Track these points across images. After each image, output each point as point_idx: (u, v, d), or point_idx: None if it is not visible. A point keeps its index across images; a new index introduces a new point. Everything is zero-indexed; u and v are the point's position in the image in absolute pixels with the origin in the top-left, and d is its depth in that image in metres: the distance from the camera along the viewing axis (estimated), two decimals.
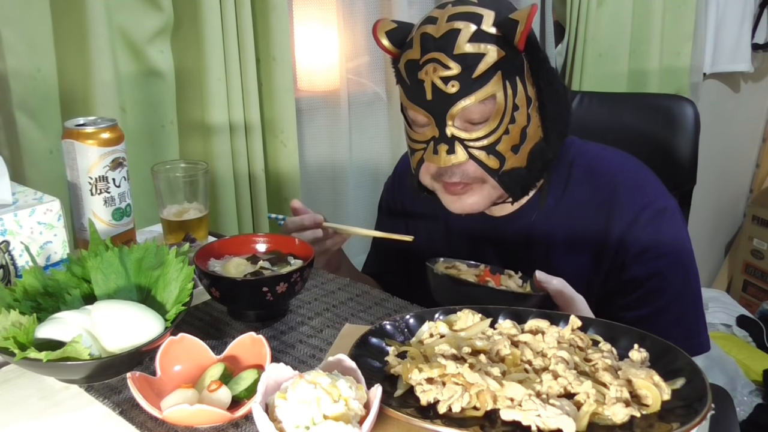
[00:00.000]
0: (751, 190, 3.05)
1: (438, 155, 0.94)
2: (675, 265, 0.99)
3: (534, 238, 1.04)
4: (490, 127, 0.92)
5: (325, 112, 1.72)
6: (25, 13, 1.20)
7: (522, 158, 0.95)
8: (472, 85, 0.91)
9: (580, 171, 1.04)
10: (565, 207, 1.03)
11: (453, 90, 0.91)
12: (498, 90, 0.91)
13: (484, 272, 0.90)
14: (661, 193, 1.02)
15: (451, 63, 0.90)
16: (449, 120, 0.93)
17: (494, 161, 0.94)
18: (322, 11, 1.66)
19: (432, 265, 0.91)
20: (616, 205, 0.99)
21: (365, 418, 0.60)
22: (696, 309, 1.02)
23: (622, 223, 0.99)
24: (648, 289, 0.98)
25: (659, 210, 0.99)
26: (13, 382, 0.74)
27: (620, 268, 0.99)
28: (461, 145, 0.93)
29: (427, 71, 0.92)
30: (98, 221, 0.98)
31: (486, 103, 0.91)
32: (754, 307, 2.68)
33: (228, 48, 1.40)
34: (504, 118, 0.92)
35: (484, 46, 0.90)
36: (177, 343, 0.71)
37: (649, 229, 0.98)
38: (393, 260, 1.22)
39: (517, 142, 0.94)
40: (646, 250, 0.98)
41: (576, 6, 2.01)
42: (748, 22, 2.55)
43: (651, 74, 2.17)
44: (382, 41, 0.99)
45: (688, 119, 1.36)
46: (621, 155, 1.07)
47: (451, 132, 0.93)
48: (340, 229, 1.07)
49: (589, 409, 0.60)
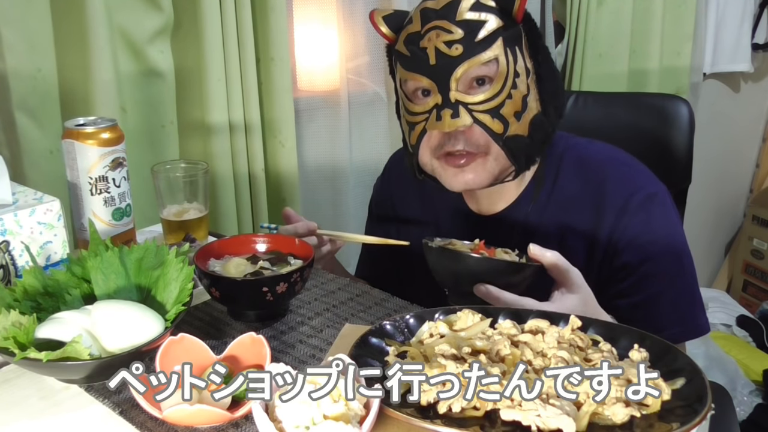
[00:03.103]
0: (751, 190, 3.05)
1: (442, 121, 0.94)
2: (667, 249, 0.99)
3: (526, 234, 1.04)
4: (494, 90, 0.93)
5: (325, 112, 1.72)
6: (25, 13, 1.20)
7: (524, 126, 0.96)
8: (475, 47, 0.92)
9: (569, 164, 1.04)
10: (556, 201, 1.03)
11: (457, 53, 0.92)
12: (500, 54, 0.93)
13: (478, 246, 0.91)
14: (650, 179, 1.02)
15: (453, 28, 0.92)
16: (453, 83, 0.93)
17: (498, 125, 0.94)
18: (322, 11, 1.66)
19: (429, 242, 0.91)
20: (606, 194, 1.00)
21: (365, 418, 0.60)
22: (692, 292, 1.01)
23: (612, 212, 0.99)
24: (641, 274, 0.98)
25: (648, 195, 0.99)
26: (13, 382, 0.74)
27: (613, 256, 0.99)
28: (465, 109, 0.93)
29: (430, 38, 0.93)
30: (98, 221, 0.98)
31: (489, 65, 0.93)
32: (754, 307, 2.68)
33: (228, 48, 1.40)
34: (507, 82, 0.93)
35: (484, 15, 0.93)
36: (177, 343, 0.71)
37: (640, 214, 0.98)
38: (384, 263, 1.22)
39: (519, 108, 0.95)
40: (638, 236, 0.98)
41: (576, 6, 2.02)
42: (748, 22, 2.55)
43: (651, 74, 2.18)
44: (380, 27, 1.00)
45: (682, 118, 1.37)
46: (609, 147, 1.07)
47: (455, 97, 0.93)
48: (335, 236, 1.07)
49: (589, 409, 0.60)
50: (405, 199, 1.20)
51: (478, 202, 1.08)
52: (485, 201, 1.07)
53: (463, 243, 0.91)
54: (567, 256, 0.85)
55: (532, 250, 0.85)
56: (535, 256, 0.85)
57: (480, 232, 1.07)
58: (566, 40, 2.09)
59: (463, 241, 0.92)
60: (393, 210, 1.22)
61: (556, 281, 0.85)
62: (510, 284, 0.84)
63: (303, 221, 1.05)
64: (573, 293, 0.83)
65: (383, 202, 1.24)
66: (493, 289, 0.83)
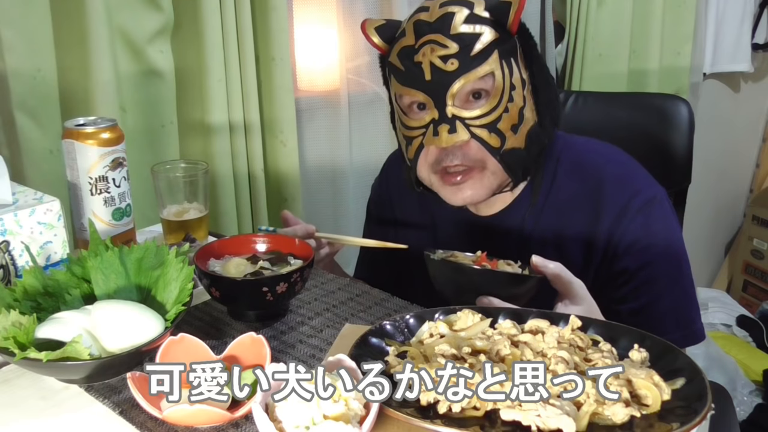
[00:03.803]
0: (751, 190, 3.05)
1: (439, 136, 0.93)
2: (666, 254, 0.98)
3: (524, 236, 1.03)
4: (491, 105, 0.93)
5: (325, 112, 1.72)
6: (25, 13, 1.20)
7: (521, 139, 0.95)
8: (471, 62, 0.91)
9: (566, 166, 1.03)
10: (553, 203, 1.03)
11: (452, 67, 0.91)
12: (496, 68, 0.92)
13: (480, 258, 0.90)
14: (649, 182, 1.01)
15: (448, 42, 0.91)
16: (449, 99, 0.93)
17: (495, 140, 0.94)
18: (322, 11, 1.66)
19: (430, 254, 0.91)
20: (604, 197, 0.99)
21: (365, 418, 0.60)
22: (690, 297, 1.01)
23: (610, 215, 0.98)
24: (641, 280, 0.97)
25: (648, 200, 0.98)
26: (13, 382, 0.74)
27: (612, 260, 0.99)
28: (462, 124, 0.93)
29: (425, 53, 0.92)
30: (98, 221, 0.98)
31: (485, 79, 0.92)
32: (754, 307, 2.68)
33: (228, 48, 1.40)
34: (503, 96, 0.93)
35: (479, 27, 0.92)
36: (177, 343, 0.71)
37: (639, 219, 0.97)
38: (382, 265, 1.22)
39: (516, 121, 0.94)
40: (637, 241, 0.97)
41: (576, 6, 2.02)
42: (748, 22, 2.55)
43: (651, 74, 2.18)
44: (372, 38, 1.00)
45: (682, 118, 1.37)
46: (606, 147, 1.06)
47: (451, 112, 0.93)
48: (333, 239, 1.07)
49: (589, 409, 0.60)
50: (403, 199, 1.19)
51: (476, 205, 1.08)
52: (483, 204, 1.07)
53: (465, 255, 0.91)
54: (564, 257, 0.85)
55: (535, 261, 0.84)
56: (537, 268, 0.84)
57: (478, 233, 1.07)
58: (566, 41, 2.08)
59: (464, 252, 0.92)
60: (391, 210, 1.22)
61: (560, 293, 0.85)
62: (513, 296, 0.83)
63: (301, 224, 1.05)
64: (576, 305, 0.83)
65: (381, 203, 1.24)
66: (496, 301, 0.82)
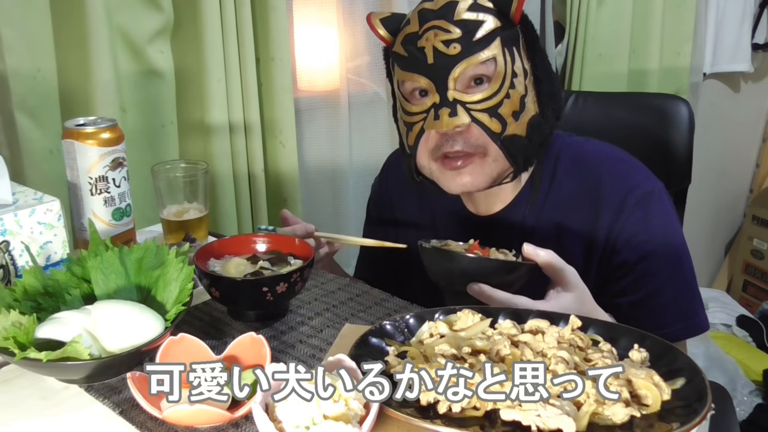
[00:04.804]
0: (751, 190, 3.05)
1: (440, 120, 0.94)
2: (665, 246, 0.99)
3: (524, 235, 1.03)
4: (492, 89, 0.93)
5: (325, 112, 1.72)
6: (25, 13, 1.20)
7: (522, 127, 0.96)
8: (473, 47, 0.92)
9: (566, 164, 1.04)
10: (553, 201, 1.03)
11: (455, 51, 0.92)
12: (498, 54, 0.93)
13: (473, 246, 0.91)
14: (647, 176, 1.02)
15: (451, 27, 0.92)
16: (451, 83, 0.93)
17: (496, 124, 0.94)
18: (322, 11, 1.66)
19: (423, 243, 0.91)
20: (603, 192, 1.00)
21: (365, 418, 0.60)
22: (691, 289, 1.01)
23: (609, 210, 0.99)
24: (640, 272, 0.98)
25: (646, 193, 0.99)
26: (13, 382, 0.74)
27: (611, 255, 0.99)
28: (463, 107, 0.93)
29: (428, 38, 0.93)
30: (98, 221, 0.98)
31: (487, 64, 0.93)
32: (754, 307, 2.68)
33: (228, 48, 1.40)
34: (505, 82, 0.93)
35: (482, 15, 0.93)
36: (177, 343, 0.71)
37: (637, 213, 0.98)
38: (382, 265, 1.22)
39: (518, 108, 0.95)
40: (636, 234, 0.98)
41: (576, 6, 2.02)
42: (748, 22, 2.55)
43: (651, 74, 2.18)
44: (377, 29, 1.00)
45: (682, 118, 1.37)
46: (605, 145, 1.07)
47: (453, 96, 0.93)
48: (332, 238, 1.07)
49: (589, 409, 0.60)
50: (402, 199, 1.19)
51: (475, 203, 1.08)
52: (483, 202, 1.07)
53: (458, 244, 0.91)
54: (565, 255, 0.85)
55: (526, 249, 0.85)
56: (529, 255, 0.85)
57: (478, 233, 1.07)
58: (566, 40, 2.09)
59: (458, 242, 0.92)
60: (391, 211, 1.22)
61: (552, 280, 0.85)
62: (504, 283, 0.84)
63: (301, 223, 1.05)
64: (568, 291, 0.83)
65: (381, 203, 1.24)
66: (486, 287, 0.83)
